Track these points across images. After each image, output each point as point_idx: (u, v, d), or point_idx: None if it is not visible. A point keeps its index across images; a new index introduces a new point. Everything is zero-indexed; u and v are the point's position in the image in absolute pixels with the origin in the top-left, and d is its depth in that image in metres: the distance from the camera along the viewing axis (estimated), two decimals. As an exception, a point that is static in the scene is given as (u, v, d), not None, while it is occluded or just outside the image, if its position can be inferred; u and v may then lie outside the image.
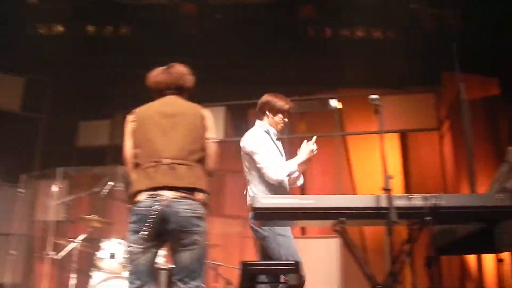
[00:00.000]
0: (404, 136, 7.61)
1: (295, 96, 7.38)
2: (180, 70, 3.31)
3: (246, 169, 3.84)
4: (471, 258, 6.22)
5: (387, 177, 3.01)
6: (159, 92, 3.27)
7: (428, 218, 3.01)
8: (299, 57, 7.67)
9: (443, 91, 7.22)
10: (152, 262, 3.02)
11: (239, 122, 7.94)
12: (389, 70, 7.35)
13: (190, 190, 2.99)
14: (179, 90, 3.27)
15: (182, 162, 3.01)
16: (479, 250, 4.38)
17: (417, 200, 3.05)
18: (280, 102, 3.92)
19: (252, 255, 7.20)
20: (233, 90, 7.64)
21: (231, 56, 7.65)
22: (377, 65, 7.32)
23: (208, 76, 7.21)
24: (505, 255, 3.70)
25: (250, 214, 3.59)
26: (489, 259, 5.52)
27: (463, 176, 6.42)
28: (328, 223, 3.25)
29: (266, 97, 3.97)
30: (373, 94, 3.28)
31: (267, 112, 3.93)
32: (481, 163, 6.27)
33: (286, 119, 3.96)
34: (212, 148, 3.17)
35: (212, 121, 3.23)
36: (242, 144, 3.84)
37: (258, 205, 3.01)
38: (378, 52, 7.34)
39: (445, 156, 7.12)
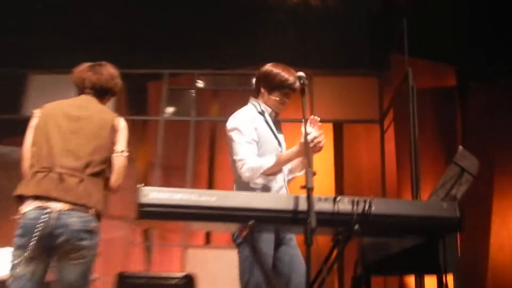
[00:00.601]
0: (339, 127, 7.64)
1: (208, 70, 7.28)
2: (111, 72, 3.59)
3: (231, 159, 3.61)
4: (411, 280, 6.29)
5: (309, 173, 2.90)
6: (80, 89, 3.55)
7: (356, 227, 2.95)
8: (216, 22, 7.47)
9: (389, 76, 7.32)
10: (41, 279, 3.21)
11: (135, 97, 7.77)
12: (325, 47, 7.33)
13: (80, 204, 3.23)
14: (102, 93, 3.57)
15: (74, 173, 3.25)
16: (418, 270, 4.41)
17: (344, 204, 2.98)
18: (281, 75, 3.66)
19: (139, 265, 7.08)
20: (130, 57, 7.34)
21: (130, 15, 7.34)
22: (312, 39, 7.30)
23: (101, 38, 6.93)
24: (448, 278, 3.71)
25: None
26: (432, 282, 5.59)
27: (406, 179, 6.49)
28: (234, 227, 3.17)
29: (265, 67, 3.74)
30: (301, 72, 3.25)
31: (262, 88, 3.73)
32: (428, 164, 6.38)
33: (287, 99, 3.73)
34: (119, 163, 3.43)
35: (125, 133, 3.49)
36: (226, 125, 3.63)
37: (144, 200, 2.86)
38: (314, 24, 7.32)
39: (387, 153, 7.22)
